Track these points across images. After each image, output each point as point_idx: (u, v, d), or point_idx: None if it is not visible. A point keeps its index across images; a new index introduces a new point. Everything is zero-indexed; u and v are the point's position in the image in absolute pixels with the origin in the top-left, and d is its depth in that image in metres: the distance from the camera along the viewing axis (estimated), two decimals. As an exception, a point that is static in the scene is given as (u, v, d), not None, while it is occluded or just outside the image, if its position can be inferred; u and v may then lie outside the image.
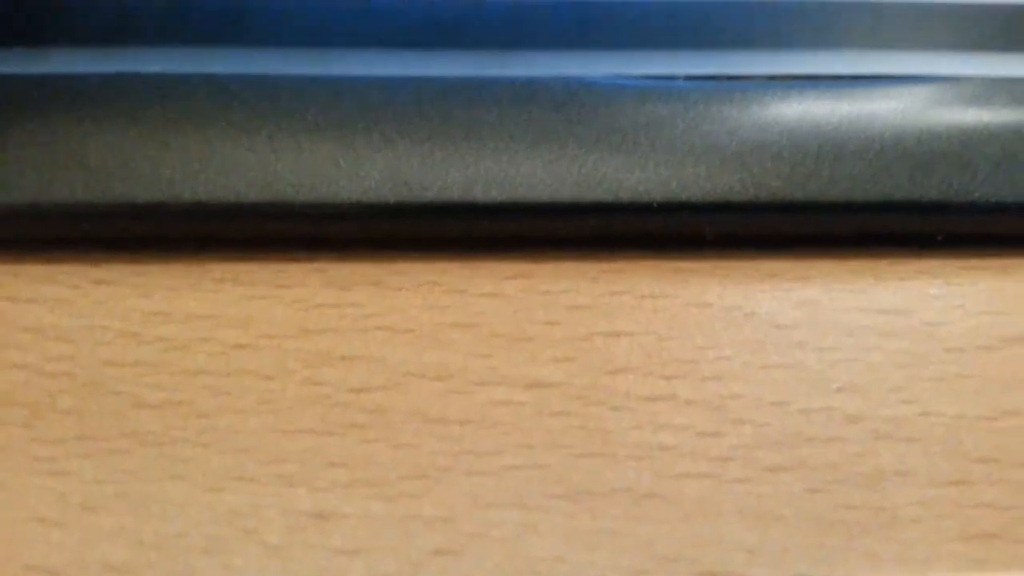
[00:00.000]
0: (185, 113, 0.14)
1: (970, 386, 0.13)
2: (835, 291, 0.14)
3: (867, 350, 0.13)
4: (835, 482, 0.12)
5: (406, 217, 0.14)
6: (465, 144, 0.14)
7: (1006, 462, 0.12)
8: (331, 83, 0.15)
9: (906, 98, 0.15)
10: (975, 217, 0.14)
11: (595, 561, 0.11)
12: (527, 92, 0.15)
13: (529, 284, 0.14)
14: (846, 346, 0.13)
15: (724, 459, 0.12)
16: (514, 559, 0.11)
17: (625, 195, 0.14)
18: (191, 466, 0.12)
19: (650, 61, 0.15)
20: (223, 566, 0.11)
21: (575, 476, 0.12)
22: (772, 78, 0.15)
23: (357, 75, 0.15)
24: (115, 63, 0.15)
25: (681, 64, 0.15)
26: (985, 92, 0.15)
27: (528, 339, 0.13)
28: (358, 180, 0.14)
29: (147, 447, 0.12)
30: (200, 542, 0.11)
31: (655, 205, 0.14)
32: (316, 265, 0.14)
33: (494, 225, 0.14)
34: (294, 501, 0.12)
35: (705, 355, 0.13)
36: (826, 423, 0.13)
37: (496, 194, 0.14)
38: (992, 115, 0.15)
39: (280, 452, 0.12)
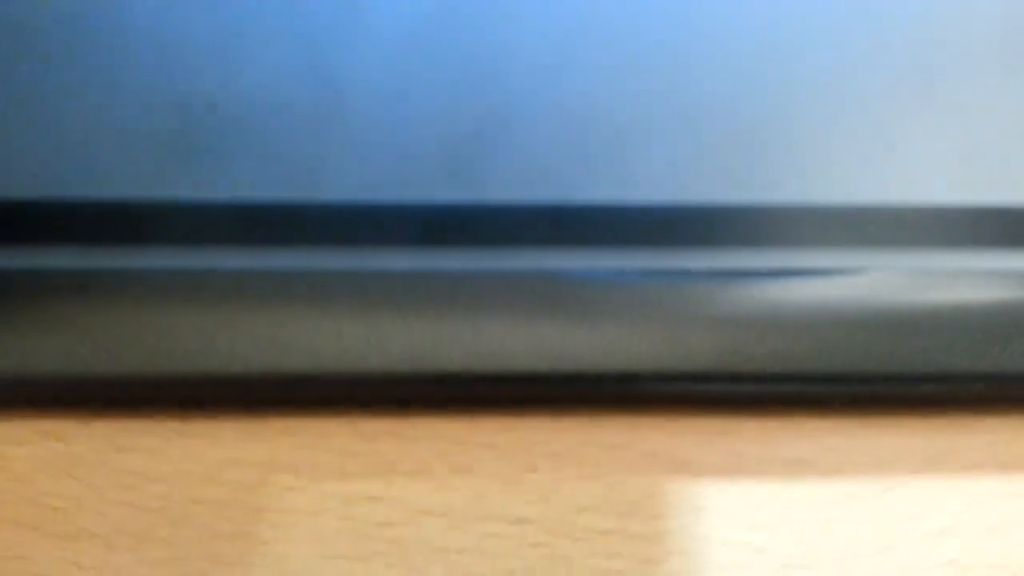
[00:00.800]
0: (248, 302, 0.19)
1: (858, 523, 0.17)
2: (754, 443, 0.18)
3: (775, 493, 0.17)
4: (746, 600, 0.16)
5: (420, 383, 0.18)
6: (465, 326, 0.18)
7: (882, 585, 0.16)
8: (361, 276, 0.19)
9: (813, 290, 0.19)
10: (866, 386, 0.18)
11: (558, 661, 0.15)
12: (513, 284, 0.19)
13: (516, 436, 0.18)
14: (759, 489, 0.17)
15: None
16: (497, 659, 0.15)
17: (589, 367, 0.18)
18: (256, 584, 0.16)
19: (611, 257, 0.19)
20: (280, 663, 0.15)
21: (546, 594, 0.16)
22: (708, 272, 0.19)
23: (381, 269, 0.19)
24: (191, 260, 0.19)
25: (635, 260, 0.19)
26: (876, 285, 0.19)
27: (515, 482, 0.17)
28: (383, 354, 0.18)
29: (222, 568, 0.16)
30: (262, 644, 0.15)
31: (613, 375, 0.18)
32: (349, 420, 0.18)
33: (488, 390, 0.18)
34: (333, 613, 0.16)
35: (652, 496, 0.17)
36: (741, 554, 0.16)
37: (489, 366, 0.18)
38: (879, 305, 0.19)
39: (322, 574, 0.16)
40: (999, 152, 0.21)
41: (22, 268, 0.19)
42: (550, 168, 0.21)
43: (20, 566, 0.16)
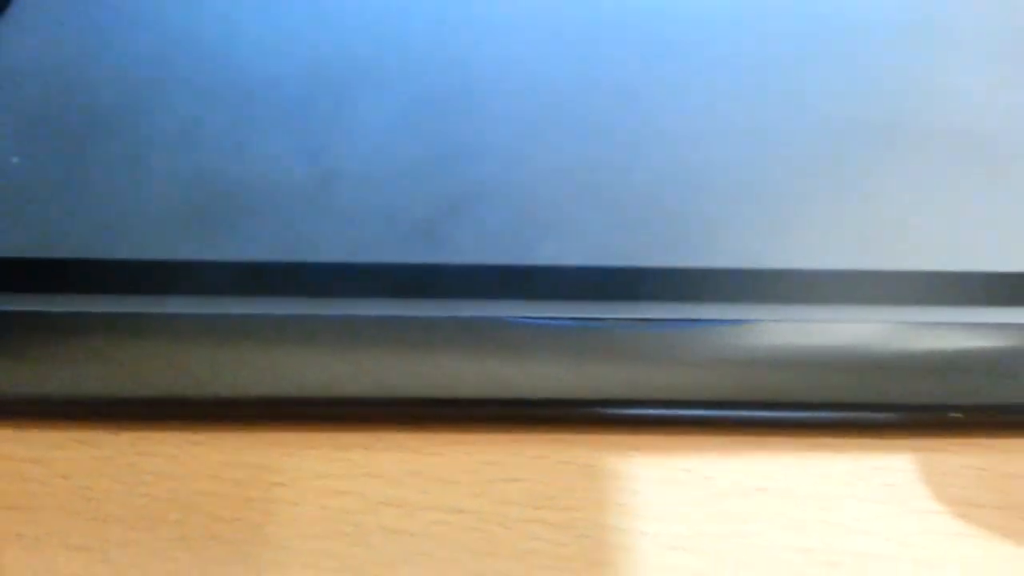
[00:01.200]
0: (250, 340, 0.23)
1: (728, 515, 0.21)
2: (649, 455, 0.22)
3: (664, 491, 0.21)
4: (638, 568, 0.20)
5: (386, 406, 0.23)
6: (425, 361, 0.23)
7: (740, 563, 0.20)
8: (342, 321, 0.24)
9: (706, 336, 0.23)
10: (744, 411, 0.23)
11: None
12: (466, 328, 0.23)
13: (460, 448, 0.22)
14: (651, 489, 0.21)
15: (571, 558, 0.20)
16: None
17: (521, 393, 0.23)
18: (250, 556, 0.20)
19: (545, 308, 0.24)
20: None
21: (478, 566, 0.20)
22: (619, 320, 0.24)
23: (359, 315, 0.24)
24: (204, 306, 0.24)
25: (564, 310, 0.24)
26: (760, 333, 0.23)
27: (456, 481, 0.22)
28: (358, 383, 0.23)
29: (223, 544, 0.21)
30: (251, 600, 0.20)
31: (539, 400, 0.22)
32: (329, 435, 0.23)
33: (440, 411, 0.23)
34: (307, 577, 0.20)
35: (565, 493, 0.21)
36: (634, 538, 0.21)
37: (442, 392, 0.23)
38: (760, 349, 0.23)
39: (303, 549, 0.20)
40: (877, 223, 0.25)
41: (68, 312, 0.24)
42: (501, 237, 0.26)
43: (62, 540, 0.21)
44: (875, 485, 0.22)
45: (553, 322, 0.24)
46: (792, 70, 0.30)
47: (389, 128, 0.28)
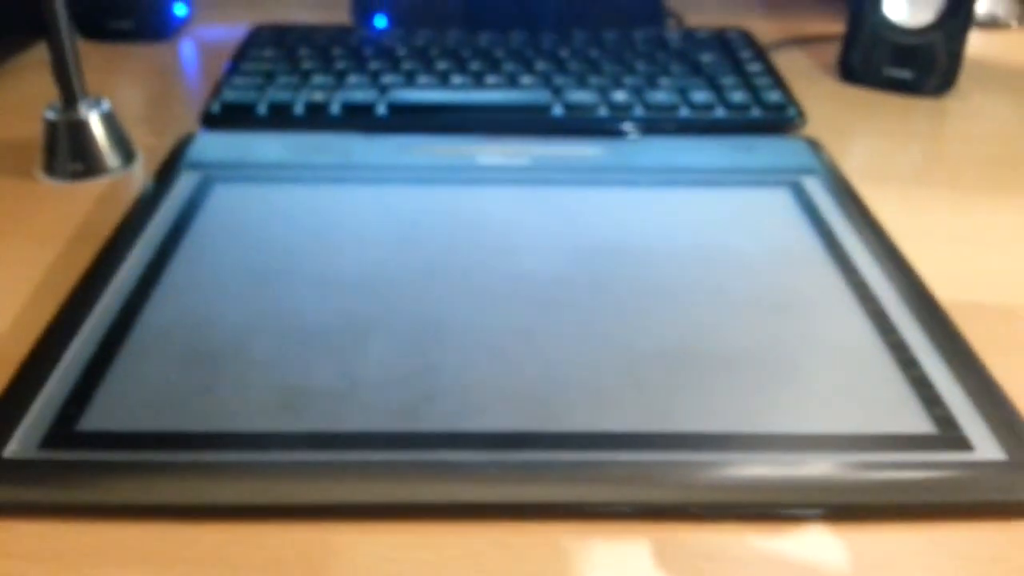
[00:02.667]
0: (312, 476, 0.42)
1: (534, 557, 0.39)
2: (518, 531, 0.40)
3: (530, 550, 0.40)
4: (517, 588, 0.38)
5: (386, 510, 0.41)
6: (410, 484, 0.42)
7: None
8: (365, 464, 0.42)
9: (558, 472, 0.42)
10: (574, 507, 0.41)
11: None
12: (431, 466, 0.42)
13: (430, 530, 0.41)
14: (520, 552, 0.40)
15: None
16: None
17: (464, 500, 0.41)
18: (311, 582, 0.38)
19: (469, 454, 0.43)
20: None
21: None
22: (516, 462, 0.43)
23: (374, 460, 0.43)
24: (271, 456, 0.43)
25: (485, 456, 0.43)
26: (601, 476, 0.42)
27: (427, 547, 0.40)
28: (373, 496, 0.41)
29: (297, 578, 0.38)
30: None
31: (474, 503, 0.41)
32: (354, 524, 0.41)
33: (415, 512, 0.41)
34: None
35: (478, 550, 0.40)
36: None
37: (417, 500, 0.41)
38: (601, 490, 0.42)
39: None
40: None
41: (192, 461, 0.43)
42: (452, 417, 0.45)
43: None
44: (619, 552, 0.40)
45: (480, 461, 0.43)
46: (615, 315, 0.51)
47: (386, 355, 0.48)
